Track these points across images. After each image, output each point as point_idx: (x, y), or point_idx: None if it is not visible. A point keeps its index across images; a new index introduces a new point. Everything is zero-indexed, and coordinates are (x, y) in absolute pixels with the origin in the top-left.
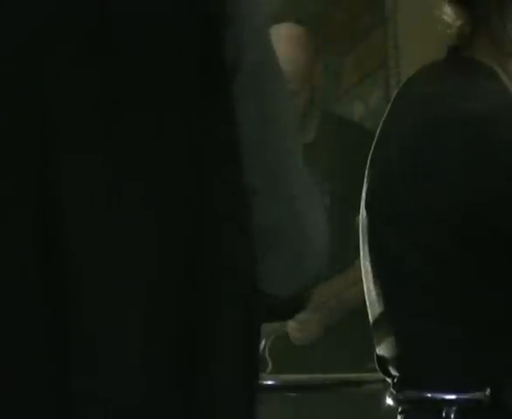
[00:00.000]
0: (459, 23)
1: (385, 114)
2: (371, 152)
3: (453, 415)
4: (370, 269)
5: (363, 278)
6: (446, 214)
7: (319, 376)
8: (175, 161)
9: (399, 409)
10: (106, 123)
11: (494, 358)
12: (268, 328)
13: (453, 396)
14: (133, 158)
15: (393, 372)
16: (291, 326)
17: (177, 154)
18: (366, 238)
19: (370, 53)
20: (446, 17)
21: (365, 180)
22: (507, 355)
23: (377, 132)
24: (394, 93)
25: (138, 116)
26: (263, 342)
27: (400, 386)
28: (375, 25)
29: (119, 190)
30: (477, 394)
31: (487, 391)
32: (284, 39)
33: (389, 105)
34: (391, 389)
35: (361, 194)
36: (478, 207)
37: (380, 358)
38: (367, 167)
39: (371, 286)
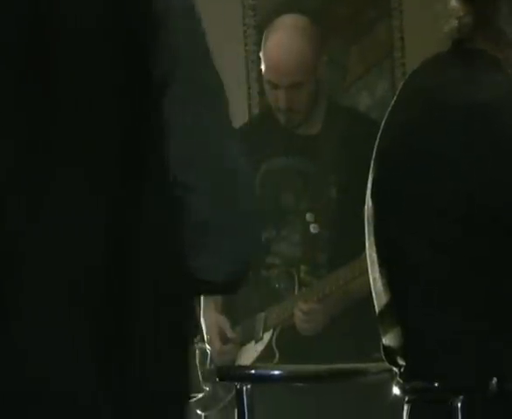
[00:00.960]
0: (462, 14)
1: (391, 106)
2: (377, 143)
3: (459, 405)
4: (375, 259)
5: (369, 269)
6: (451, 203)
7: (325, 367)
8: (101, 159)
9: (406, 399)
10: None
11: (500, 348)
12: (275, 320)
13: (459, 386)
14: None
15: (400, 362)
16: (298, 316)
17: (105, 150)
18: (372, 229)
19: (376, 45)
20: (449, 9)
21: (370, 171)
22: (508, 350)
23: (383, 123)
24: (400, 85)
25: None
26: (270, 333)
27: (407, 376)
28: (380, 17)
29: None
30: (483, 384)
31: (493, 381)
32: (289, 30)
33: (394, 97)
34: (398, 379)
35: (367, 185)
36: (482, 195)
37: (386, 348)
38: (372, 158)
39: (377, 277)
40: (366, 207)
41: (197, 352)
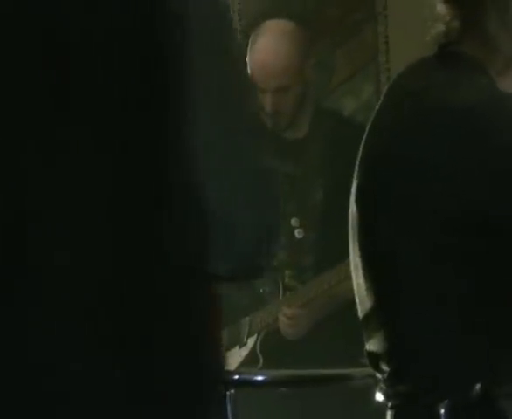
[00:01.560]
0: (449, 18)
1: (376, 109)
2: (361, 147)
3: (443, 411)
4: (359, 264)
5: (353, 274)
6: (437, 207)
7: (309, 371)
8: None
9: (389, 404)
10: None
11: (485, 354)
12: (260, 325)
13: (443, 391)
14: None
15: (383, 367)
16: (282, 321)
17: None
18: (356, 233)
19: (361, 48)
20: (436, 13)
21: (355, 175)
22: (496, 352)
23: (368, 127)
24: (385, 88)
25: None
26: (255, 338)
27: (390, 381)
28: (366, 21)
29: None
30: (467, 390)
31: (478, 387)
32: (275, 34)
33: (379, 100)
34: (382, 384)
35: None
36: (468, 198)
37: (370, 353)
38: (357, 162)
39: (361, 282)
40: (350, 211)
41: None
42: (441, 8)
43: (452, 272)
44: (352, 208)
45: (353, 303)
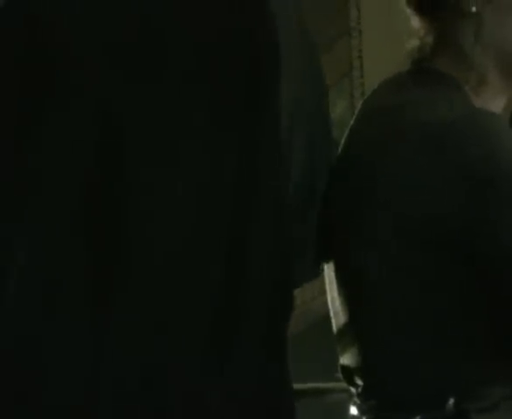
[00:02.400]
0: (423, 34)
1: (350, 125)
2: (335, 163)
3: None
4: (333, 278)
5: (327, 288)
6: (409, 223)
7: None
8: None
9: None
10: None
11: (458, 369)
12: None
13: (416, 407)
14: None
15: (357, 381)
16: None
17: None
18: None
19: (335, 63)
20: (410, 29)
21: (328, 189)
22: (469, 366)
23: (341, 143)
24: (359, 104)
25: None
26: None
27: (364, 395)
28: (339, 36)
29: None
30: (440, 405)
31: (451, 401)
32: None
33: (353, 116)
34: (356, 399)
35: None
36: (439, 216)
37: (344, 367)
38: (330, 177)
39: (335, 296)
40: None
41: None
42: (415, 22)
43: (423, 287)
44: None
45: (328, 318)
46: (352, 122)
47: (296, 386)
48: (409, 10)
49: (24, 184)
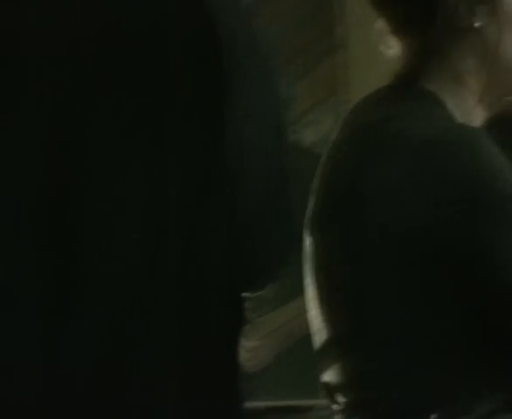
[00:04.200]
0: (404, 49)
1: (331, 141)
2: (316, 178)
3: None
4: (314, 295)
5: (309, 305)
6: (393, 238)
7: (268, 403)
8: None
9: None
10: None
11: (444, 383)
12: None
13: None
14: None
15: (340, 398)
16: (241, 354)
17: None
18: (311, 264)
19: (321, 81)
20: (391, 45)
21: (309, 205)
22: (455, 381)
23: (322, 159)
24: (341, 120)
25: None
26: None
27: (346, 412)
28: (326, 53)
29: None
30: None
31: (434, 416)
32: None
33: (335, 131)
34: (338, 416)
35: None
36: (422, 230)
37: (326, 384)
38: (311, 193)
39: (317, 312)
40: (305, 242)
41: None
42: (392, 42)
43: (408, 302)
44: (306, 238)
45: (310, 336)
46: (333, 138)
47: (281, 403)
48: (389, 29)
49: None
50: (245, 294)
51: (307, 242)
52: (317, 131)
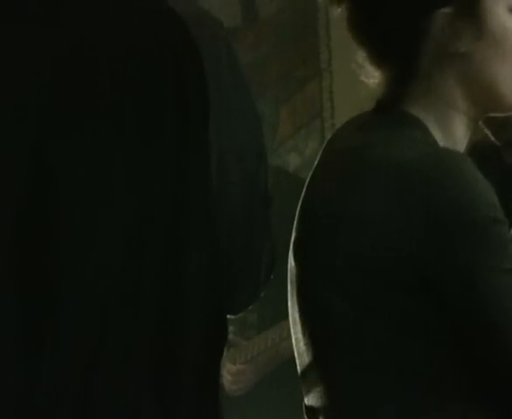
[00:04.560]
0: (383, 78)
1: (314, 165)
2: (300, 202)
3: None
4: (297, 319)
5: (292, 329)
6: (373, 263)
7: None
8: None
9: None
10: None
11: (422, 411)
12: None
13: None
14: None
15: None
16: (226, 377)
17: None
18: (294, 288)
19: (306, 105)
20: (369, 77)
21: (293, 230)
22: (434, 407)
23: (306, 182)
24: (323, 144)
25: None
26: None
27: None
28: (310, 77)
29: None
30: None
31: None
32: None
33: (318, 155)
34: None
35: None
36: (402, 257)
37: (309, 408)
38: (296, 217)
39: (299, 336)
40: (289, 266)
41: None
42: (371, 69)
43: (388, 327)
44: (290, 262)
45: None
46: (316, 162)
47: None
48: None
49: None
50: (227, 315)
51: (290, 266)
52: (302, 155)
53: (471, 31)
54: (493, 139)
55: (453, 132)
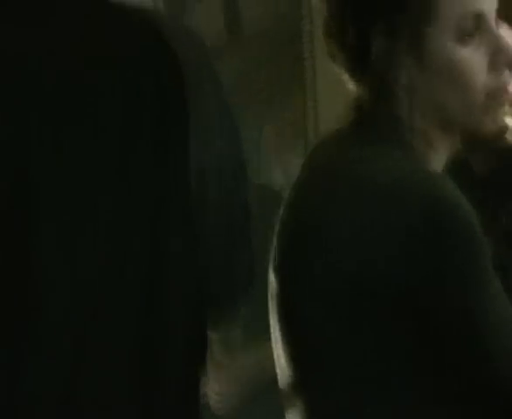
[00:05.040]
0: (361, 94)
1: (294, 182)
2: (279, 218)
3: None
4: (278, 336)
5: (273, 345)
6: (353, 277)
7: None
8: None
9: None
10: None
11: None
12: None
13: None
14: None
15: None
16: (211, 397)
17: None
18: (275, 305)
19: (290, 122)
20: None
21: (273, 245)
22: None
23: (285, 199)
24: (303, 161)
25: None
26: None
27: None
28: (294, 95)
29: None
30: None
31: None
32: None
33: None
34: None
35: None
36: (384, 276)
37: None
38: (275, 233)
39: (280, 353)
40: (269, 282)
41: None
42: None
43: (370, 346)
44: (271, 278)
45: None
46: (296, 178)
47: None
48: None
49: None
50: (208, 331)
51: (271, 282)
52: (286, 172)
53: (412, 59)
54: (463, 149)
55: (434, 148)
